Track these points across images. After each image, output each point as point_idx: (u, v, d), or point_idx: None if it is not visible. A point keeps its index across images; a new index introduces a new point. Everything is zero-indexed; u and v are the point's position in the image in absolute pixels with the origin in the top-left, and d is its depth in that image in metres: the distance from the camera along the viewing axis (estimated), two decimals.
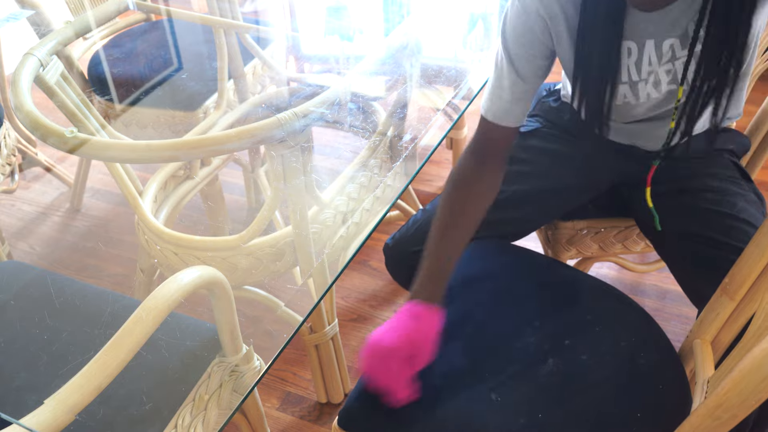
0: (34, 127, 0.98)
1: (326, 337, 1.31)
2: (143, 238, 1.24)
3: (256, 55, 1.68)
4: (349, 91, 1.35)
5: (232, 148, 1.13)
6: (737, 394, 0.59)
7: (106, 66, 1.68)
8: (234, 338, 0.92)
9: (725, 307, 0.85)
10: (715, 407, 0.61)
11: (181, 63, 1.70)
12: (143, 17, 1.85)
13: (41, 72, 1.17)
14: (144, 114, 1.61)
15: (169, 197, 1.36)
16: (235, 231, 1.15)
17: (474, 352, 0.92)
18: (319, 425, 1.40)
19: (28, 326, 0.99)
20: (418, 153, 1.27)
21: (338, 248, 1.16)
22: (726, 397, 0.60)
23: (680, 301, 1.61)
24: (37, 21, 1.48)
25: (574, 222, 1.23)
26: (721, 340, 0.87)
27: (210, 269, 0.81)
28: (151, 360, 0.92)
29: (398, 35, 1.66)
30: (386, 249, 1.19)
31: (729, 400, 0.60)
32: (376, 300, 1.68)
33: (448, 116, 1.35)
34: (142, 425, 0.85)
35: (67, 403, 0.69)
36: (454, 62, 1.59)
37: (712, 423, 0.62)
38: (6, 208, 1.93)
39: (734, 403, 0.59)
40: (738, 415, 0.60)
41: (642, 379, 0.89)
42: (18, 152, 1.80)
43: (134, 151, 0.97)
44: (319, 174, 1.16)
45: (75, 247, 1.82)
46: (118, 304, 1.03)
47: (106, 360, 0.71)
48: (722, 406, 0.61)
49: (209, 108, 1.60)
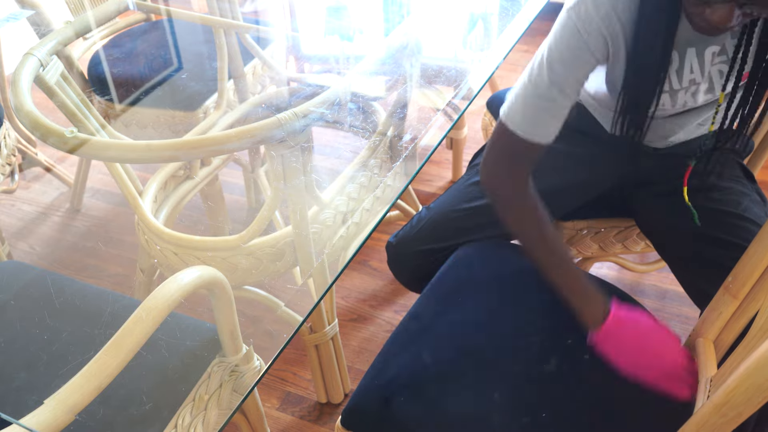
0: (34, 127, 0.98)
1: (326, 337, 1.31)
2: (143, 238, 1.24)
3: (256, 55, 1.68)
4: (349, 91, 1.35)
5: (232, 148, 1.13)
6: (743, 391, 0.59)
7: (106, 66, 1.68)
8: (234, 338, 0.92)
9: (728, 306, 0.85)
10: (720, 405, 0.61)
11: (181, 63, 1.70)
12: (143, 17, 1.85)
13: (41, 72, 1.17)
14: (144, 114, 1.61)
15: (169, 197, 1.36)
16: (235, 231, 1.15)
17: (476, 352, 0.92)
18: (319, 425, 1.40)
19: (28, 326, 0.99)
20: (418, 153, 1.27)
21: (338, 248, 1.16)
22: (732, 394, 0.60)
23: (680, 301, 1.61)
24: (37, 21, 1.47)
25: (574, 222, 1.23)
26: (723, 339, 0.87)
27: (210, 269, 0.81)
28: (151, 360, 0.92)
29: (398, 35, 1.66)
30: (389, 247, 1.19)
31: (735, 397, 0.60)
32: (376, 300, 1.68)
33: (448, 116, 1.35)
34: (142, 425, 0.85)
35: (67, 403, 0.69)
36: (454, 62, 1.59)
37: (718, 420, 0.62)
38: (6, 208, 1.93)
39: (740, 400, 0.59)
40: (743, 412, 0.60)
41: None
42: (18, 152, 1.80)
43: (134, 151, 0.97)
44: (319, 174, 1.16)
45: (75, 247, 1.82)
46: (118, 304, 1.03)
47: (106, 360, 0.71)
48: (728, 404, 0.61)
49: (209, 108, 1.60)
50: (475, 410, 0.85)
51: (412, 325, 0.98)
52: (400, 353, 0.94)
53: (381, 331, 1.59)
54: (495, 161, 0.97)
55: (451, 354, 0.91)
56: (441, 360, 0.91)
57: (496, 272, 1.05)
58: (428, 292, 1.05)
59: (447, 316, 0.94)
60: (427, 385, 0.88)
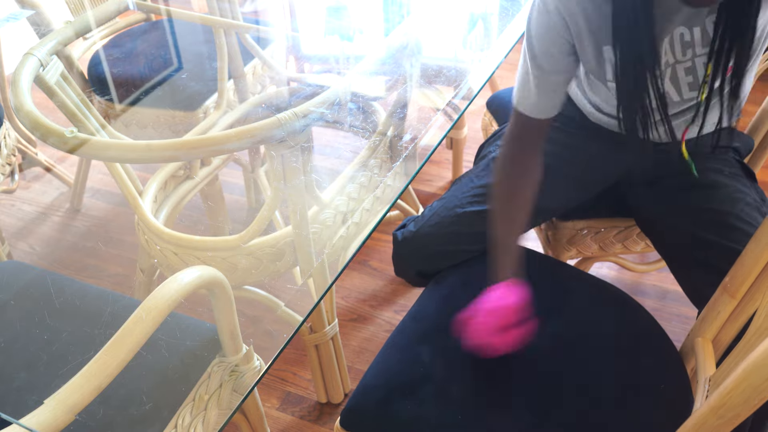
0: (34, 127, 0.98)
1: (326, 337, 1.31)
2: (143, 238, 1.24)
3: (256, 55, 1.68)
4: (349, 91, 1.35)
5: (232, 148, 1.13)
6: (740, 392, 0.59)
7: (106, 66, 1.68)
8: (234, 338, 0.92)
9: (726, 306, 0.85)
10: (718, 406, 0.61)
11: (181, 63, 1.70)
12: (143, 17, 1.85)
13: (41, 72, 1.17)
14: (144, 114, 1.61)
15: (169, 197, 1.36)
16: (235, 231, 1.15)
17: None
18: (319, 425, 1.40)
19: (28, 326, 0.99)
20: (418, 153, 1.27)
21: (338, 248, 1.16)
22: (729, 396, 0.60)
23: (680, 301, 1.61)
24: (37, 21, 1.47)
25: (574, 222, 1.23)
26: (722, 339, 0.87)
27: (210, 269, 0.81)
28: (151, 360, 0.92)
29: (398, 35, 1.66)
30: (400, 240, 1.16)
31: (732, 399, 0.60)
32: (376, 300, 1.68)
33: (448, 116, 1.35)
34: (142, 425, 0.85)
35: (67, 403, 0.69)
36: (454, 62, 1.59)
37: (716, 422, 0.62)
38: (6, 208, 1.93)
39: (737, 402, 0.59)
40: (741, 413, 0.60)
41: (644, 377, 0.89)
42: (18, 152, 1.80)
43: (134, 151, 0.97)
44: (319, 174, 1.16)
45: (75, 247, 1.82)
46: (118, 304, 1.03)
47: (106, 360, 0.71)
48: (725, 405, 0.60)
49: (209, 108, 1.60)
50: (475, 410, 0.85)
51: (412, 325, 0.98)
52: (399, 354, 0.94)
53: (381, 331, 1.59)
54: (509, 140, 1.03)
55: (450, 355, 0.91)
56: (441, 361, 0.91)
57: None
58: (429, 292, 1.05)
59: (447, 316, 0.94)
60: (426, 385, 0.88)
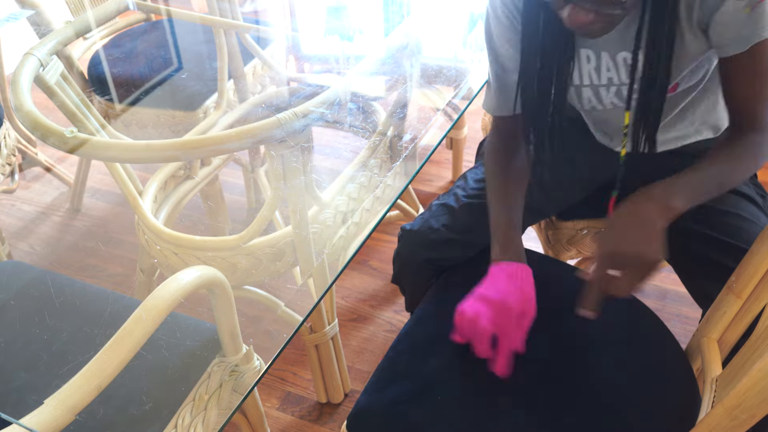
0: (34, 127, 0.98)
1: (326, 337, 1.31)
2: (143, 238, 1.24)
3: (256, 55, 1.68)
4: (349, 91, 1.35)
5: (232, 148, 1.13)
6: (756, 393, 0.59)
7: (106, 66, 1.68)
8: (234, 338, 0.92)
9: (732, 306, 0.85)
10: (733, 407, 0.61)
11: (181, 63, 1.70)
12: (143, 17, 1.85)
13: (41, 72, 1.17)
14: (144, 114, 1.61)
15: (169, 197, 1.36)
16: (235, 231, 1.15)
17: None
18: (319, 425, 1.40)
19: (28, 326, 0.99)
20: (418, 153, 1.27)
21: (338, 248, 1.16)
22: (744, 397, 0.60)
23: (680, 301, 1.61)
24: (37, 21, 1.47)
25: (574, 222, 1.23)
26: (727, 339, 0.87)
27: (210, 269, 0.81)
28: (151, 360, 0.92)
29: (398, 35, 1.66)
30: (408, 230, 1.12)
31: (747, 400, 0.60)
32: (376, 300, 1.68)
33: (448, 116, 1.35)
34: (142, 425, 0.85)
35: (67, 403, 0.69)
36: (454, 62, 1.59)
37: (730, 423, 0.62)
38: (6, 208, 1.93)
39: (753, 403, 0.59)
40: (756, 414, 0.60)
41: (650, 377, 0.88)
42: (18, 152, 1.80)
43: (134, 151, 0.97)
44: (319, 174, 1.16)
45: (75, 247, 1.83)
46: (118, 304, 1.03)
47: (106, 360, 0.71)
48: (740, 406, 0.60)
49: (209, 108, 1.60)
50: (479, 412, 0.85)
51: (418, 327, 0.98)
52: (405, 357, 0.94)
53: (381, 331, 1.59)
54: (491, 135, 1.06)
55: (457, 358, 0.91)
56: (446, 365, 0.91)
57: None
58: (432, 295, 1.05)
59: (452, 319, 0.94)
60: (433, 389, 0.88)
